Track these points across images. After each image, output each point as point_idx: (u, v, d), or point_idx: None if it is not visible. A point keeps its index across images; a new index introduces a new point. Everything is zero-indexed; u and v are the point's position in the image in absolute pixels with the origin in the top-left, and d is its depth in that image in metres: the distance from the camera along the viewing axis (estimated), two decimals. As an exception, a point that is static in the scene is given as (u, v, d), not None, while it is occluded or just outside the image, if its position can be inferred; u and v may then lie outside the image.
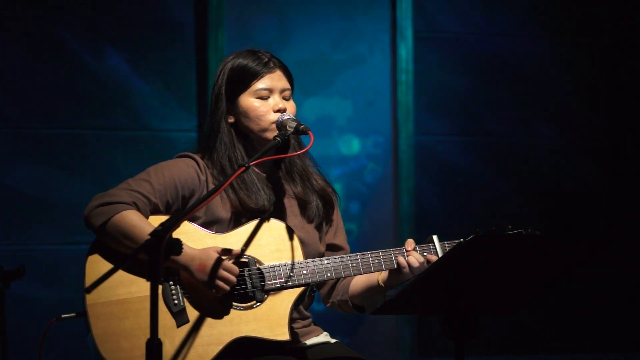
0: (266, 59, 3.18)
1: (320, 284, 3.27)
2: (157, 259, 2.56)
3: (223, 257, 2.97)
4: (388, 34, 5.73)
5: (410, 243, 3.12)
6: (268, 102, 3.15)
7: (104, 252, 3.00)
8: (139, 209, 3.00)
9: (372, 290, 3.18)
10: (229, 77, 3.18)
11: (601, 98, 5.94)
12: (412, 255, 3.09)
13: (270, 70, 3.17)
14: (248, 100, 3.16)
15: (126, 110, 5.39)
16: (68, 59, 5.32)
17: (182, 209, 3.09)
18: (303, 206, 3.21)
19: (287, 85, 3.19)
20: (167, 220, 2.65)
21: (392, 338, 5.69)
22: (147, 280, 2.92)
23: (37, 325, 5.12)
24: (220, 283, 2.95)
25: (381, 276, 3.17)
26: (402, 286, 3.11)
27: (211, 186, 3.12)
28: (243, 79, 3.16)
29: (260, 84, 3.15)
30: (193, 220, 3.07)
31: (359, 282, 3.23)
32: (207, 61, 5.42)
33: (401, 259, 3.09)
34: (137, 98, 5.41)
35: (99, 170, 5.33)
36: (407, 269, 3.08)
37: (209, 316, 2.98)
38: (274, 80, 3.17)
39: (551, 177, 5.88)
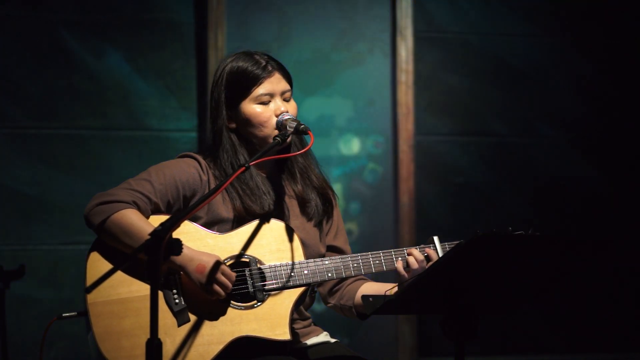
0: (264, 62, 3.16)
1: (321, 284, 3.27)
2: (157, 259, 2.57)
3: (222, 262, 2.97)
4: (388, 34, 5.73)
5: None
6: (270, 107, 3.14)
7: (104, 252, 3.00)
8: (139, 209, 3.00)
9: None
10: (228, 82, 3.16)
11: (601, 98, 5.94)
12: (412, 255, 3.08)
13: (269, 74, 3.15)
14: (250, 107, 3.15)
15: (126, 110, 5.39)
16: (68, 59, 5.32)
17: (183, 209, 3.08)
18: (303, 205, 3.22)
19: (287, 87, 3.18)
20: (166, 220, 2.64)
21: (392, 338, 5.69)
22: (148, 279, 2.93)
23: (37, 325, 5.14)
24: (217, 287, 2.95)
25: (393, 292, 3.15)
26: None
27: (213, 186, 3.12)
28: (243, 86, 3.14)
29: (261, 90, 3.14)
30: (194, 220, 3.07)
31: (367, 291, 3.21)
32: (207, 61, 5.42)
33: (400, 266, 3.09)
34: (137, 98, 5.41)
35: (99, 170, 5.33)
36: (407, 274, 3.07)
37: (209, 315, 2.98)
38: (274, 83, 3.15)
39: (551, 177, 5.88)
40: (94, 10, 5.36)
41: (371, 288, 3.22)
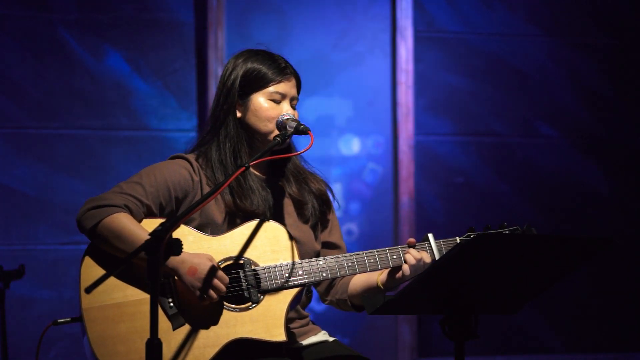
0: (283, 65, 3.21)
1: (316, 284, 3.27)
2: (157, 259, 2.56)
3: (215, 264, 2.97)
4: (388, 34, 5.72)
5: (409, 242, 3.13)
6: (280, 107, 3.18)
7: (98, 256, 3.01)
8: (131, 212, 3.01)
9: (370, 291, 3.18)
10: (245, 73, 3.19)
11: (601, 98, 5.94)
12: (410, 253, 3.09)
13: (287, 77, 3.20)
14: (261, 100, 3.18)
15: (126, 110, 5.39)
16: (68, 59, 5.32)
17: (175, 210, 3.09)
18: (299, 206, 3.22)
19: (296, 95, 3.24)
20: (167, 221, 2.64)
21: (392, 338, 5.69)
22: (144, 283, 2.94)
23: (37, 325, 5.14)
24: (210, 291, 2.95)
25: (380, 278, 3.17)
26: (402, 286, 3.10)
27: (205, 187, 3.12)
28: (260, 79, 3.18)
29: (276, 88, 3.18)
30: (188, 222, 3.06)
31: (358, 282, 3.23)
32: (207, 61, 5.42)
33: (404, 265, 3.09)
34: (136, 98, 5.41)
35: (99, 170, 5.33)
36: (406, 268, 3.07)
37: (205, 318, 2.98)
38: (289, 87, 3.21)
39: (551, 177, 5.88)
40: (94, 10, 5.36)
41: (361, 278, 3.23)
